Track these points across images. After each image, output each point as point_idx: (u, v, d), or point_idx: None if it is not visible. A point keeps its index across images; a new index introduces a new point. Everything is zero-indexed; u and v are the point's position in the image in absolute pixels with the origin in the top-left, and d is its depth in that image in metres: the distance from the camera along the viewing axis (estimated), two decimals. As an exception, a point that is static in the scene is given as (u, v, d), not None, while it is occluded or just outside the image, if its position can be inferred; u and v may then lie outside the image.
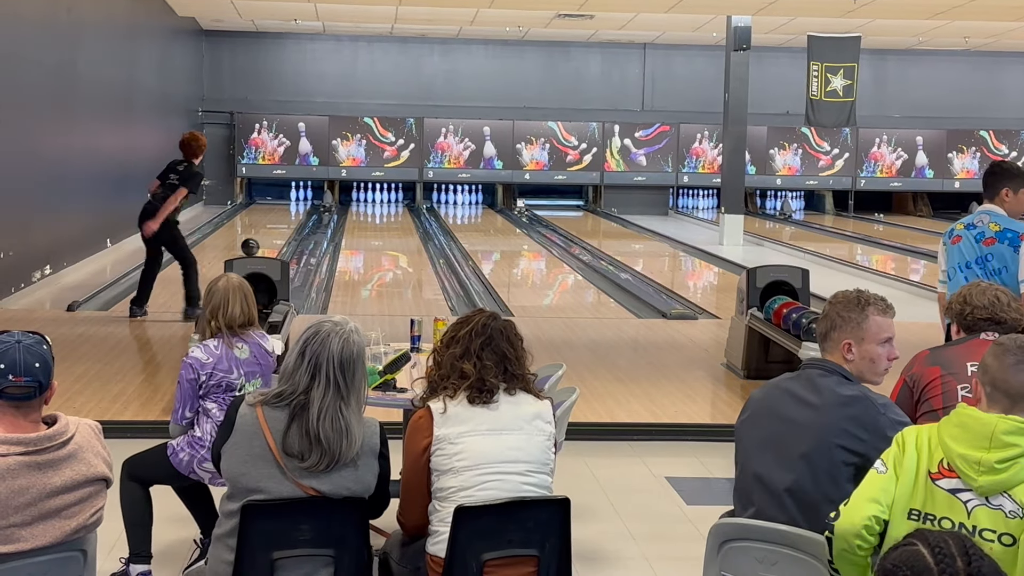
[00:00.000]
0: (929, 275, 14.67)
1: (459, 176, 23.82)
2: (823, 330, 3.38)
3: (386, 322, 9.30)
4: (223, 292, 4.30)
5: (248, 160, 23.21)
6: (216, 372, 4.24)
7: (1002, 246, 5.30)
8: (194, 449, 4.28)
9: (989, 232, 5.34)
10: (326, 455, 3.15)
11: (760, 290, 8.00)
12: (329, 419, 3.15)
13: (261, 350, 4.38)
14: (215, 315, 4.28)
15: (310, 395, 3.17)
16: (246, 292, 4.37)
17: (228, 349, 4.27)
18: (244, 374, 4.29)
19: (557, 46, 23.70)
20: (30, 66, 11.24)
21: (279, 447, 3.16)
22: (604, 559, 4.79)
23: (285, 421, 3.18)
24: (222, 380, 4.24)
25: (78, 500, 2.92)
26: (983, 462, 2.63)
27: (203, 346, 4.28)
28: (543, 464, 3.40)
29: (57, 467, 2.88)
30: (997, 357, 2.78)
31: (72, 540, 2.92)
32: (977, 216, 5.41)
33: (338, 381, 3.18)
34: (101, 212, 13.96)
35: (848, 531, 2.74)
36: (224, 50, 23.32)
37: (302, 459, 3.15)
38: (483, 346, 3.43)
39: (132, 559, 4.28)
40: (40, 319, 9.63)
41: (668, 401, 7.25)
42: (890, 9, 16.75)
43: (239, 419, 3.21)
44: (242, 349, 4.30)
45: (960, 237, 5.40)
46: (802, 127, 23.46)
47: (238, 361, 4.29)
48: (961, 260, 5.37)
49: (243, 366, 4.30)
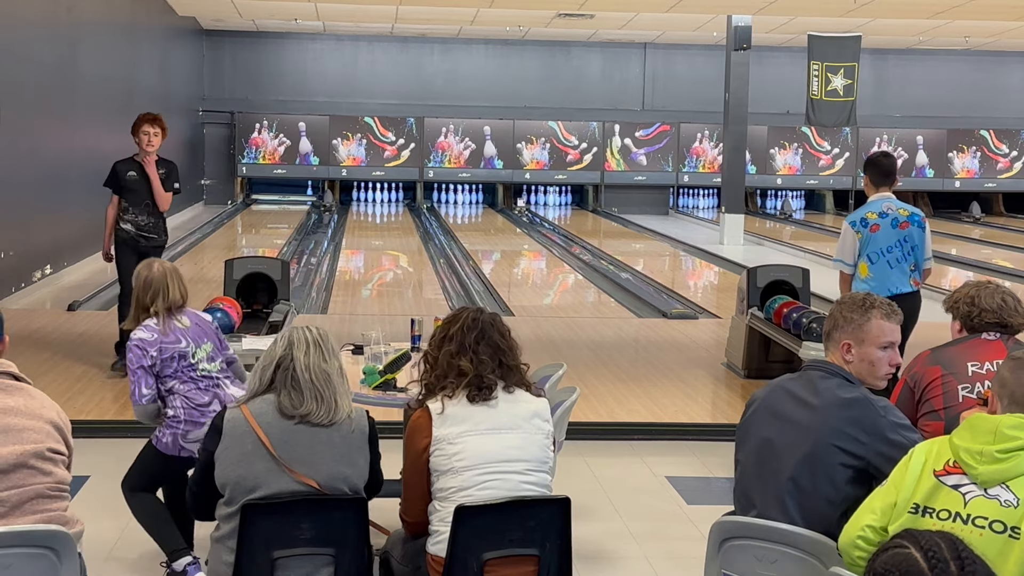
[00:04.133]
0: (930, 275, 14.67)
1: (459, 176, 23.83)
2: (826, 329, 3.38)
3: (386, 322, 9.31)
4: (161, 279, 4.43)
5: (248, 160, 23.21)
6: (164, 347, 4.35)
7: (913, 228, 6.21)
8: (173, 428, 4.35)
9: (901, 217, 6.21)
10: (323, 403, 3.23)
11: (760, 290, 8.00)
12: (316, 369, 3.26)
13: (197, 317, 4.55)
14: (154, 301, 4.40)
15: (292, 354, 3.27)
16: (179, 275, 4.54)
17: (169, 320, 4.41)
18: (191, 340, 4.42)
19: (557, 46, 23.71)
20: (30, 66, 11.25)
21: (271, 433, 3.19)
22: (604, 558, 4.79)
23: (273, 402, 3.25)
24: (173, 352, 4.35)
25: (31, 429, 3.04)
26: (985, 452, 2.65)
27: (144, 327, 4.38)
28: (542, 463, 3.40)
29: (8, 391, 3.08)
30: (1013, 371, 2.81)
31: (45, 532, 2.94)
32: (883, 204, 6.22)
33: (317, 341, 3.31)
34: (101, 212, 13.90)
35: (846, 545, 2.79)
36: (224, 50, 23.33)
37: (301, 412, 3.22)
38: (477, 340, 3.44)
39: (171, 557, 4.31)
40: (40, 319, 9.63)
41: (668, 401, 7.25)
42: (890, 8, 16.76)
43: (227, 424, 3.24)
44: (181, 320, 4.45)
45: (878, 226, 6.18)
46: (802, 126, 23.47)
47: (182, 331, 4.42)
48: (883, 245, 6.15)
49: (188, 334, 4.43)
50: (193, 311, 4.59)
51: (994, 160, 24.75)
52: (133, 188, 7.54)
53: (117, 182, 7.59)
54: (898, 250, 6.17)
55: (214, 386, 4.43)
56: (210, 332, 4.55)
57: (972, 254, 16.75)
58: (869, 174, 6.38)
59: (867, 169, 6.41)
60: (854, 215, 6.35)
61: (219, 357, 4.50)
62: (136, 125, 7.56)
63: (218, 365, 4.48)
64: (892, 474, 2.80)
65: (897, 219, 6.20)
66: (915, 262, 6.24)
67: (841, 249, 6.36)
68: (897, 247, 6.17)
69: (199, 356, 4.42)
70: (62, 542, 2.98)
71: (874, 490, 2.85)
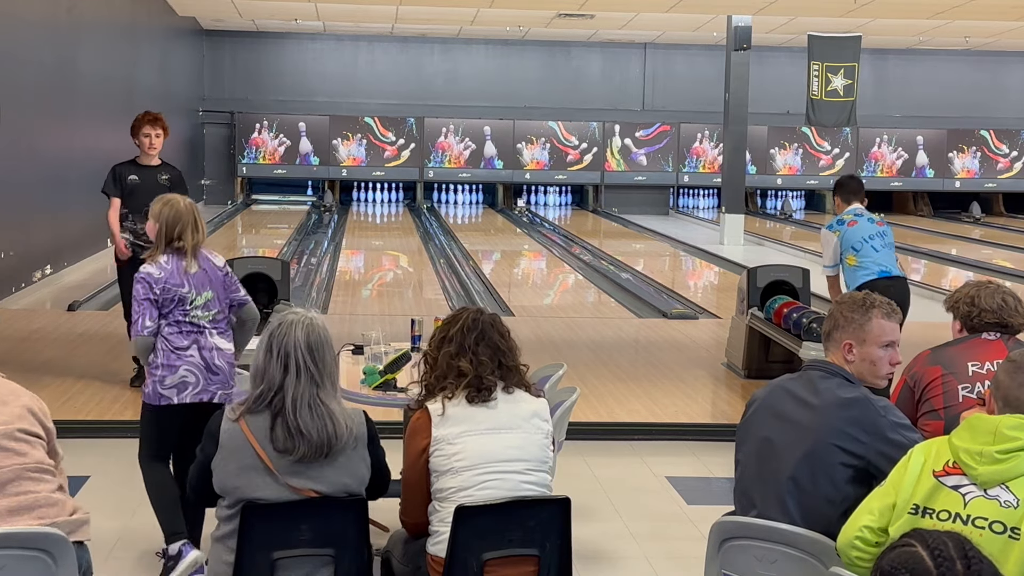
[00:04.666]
0: (931, 275, 14.68)
1: (459, 176, 23.83)
2: (826, 329, 3.38)
3: (386, 322, 9.31)
4: (188, 213, 4.51)
5: (249, 160, 23.21)
6: (168, 286, 4.43)
7: (887, 227, 6.70)
8: (153, 375, 4.43)
9: (876, 218, 6.71)
10: (313, 445, 3.15)
11: (761, 290, 8.00)
12: (306, 407, 3.16)
13: (209, 263, 4.58)
14: (181, 236, 4.48)
15: (284, 386, 3.18)
16: (198, 215, 4.61)
17: (179, 263, 4.48)
18: (194, 287, 4.48)
19: (557, 46, 23.71)
20: (30, 66, 11.25)
21: (269, 451, 3.16)
22: (605, 559, 4.79)
23: (269, 421, 3.19)
24: (174, 294, 4.43)
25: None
26: (985, 453, 2.65)
27: (155, 263, 4.46)
28: (542, 462, 3.40)
29: None
30: (1009, 374, 2.81)
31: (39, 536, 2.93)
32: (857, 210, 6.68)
33: (308, 367, 3.19)
34: (101, 212, 13.89)
35: (844, 545, 2.79)
36: (225, 50, 23.33)
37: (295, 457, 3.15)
38: (477, 341, 3.44)
39: (168, 540, 4.35)
40: (40, 319, 9.63)
41: (668, 401, 7.25)
42: (891, 9, 16.76)
43: (223, 435, 3.21)
44: (191, 263, 4.50)
45: (856, 221, 6.59)
46: (803, 127, 23.47)
47: (188, 275, 4.48)
48: (864, 235, 6.53)
49: (192, 279, 4.49)
50: (207, 254, 4.61)
51: (994, 160, 24.75)
52: (134, 193, 6.96)
53: (117, 185, 7.10)
54: (879, 239, 6.54)
55: (196, 332, 4.48)
56: (216, 280, 4.57)
57: (972, 254, 16.74)
58: (839, 195, 6.84)
59: (837, 191, 6.87)
60: (831, 221, 6.79)
61: (215, 307, 4.53)
62: (136, 126, 7.13)
63: (211, 315, 4.52)
64: (891, 475, 2.80)
65: (872, 219, 6.66)
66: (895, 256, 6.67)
67: (825, 254, 6.75)
68: (878, 237, 6.54)
69: (196, 303, 4.48)
70: (57, 544, 2.95)
71: (873, 491, 2.85)
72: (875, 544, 2.72)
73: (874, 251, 6.51)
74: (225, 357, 4.53)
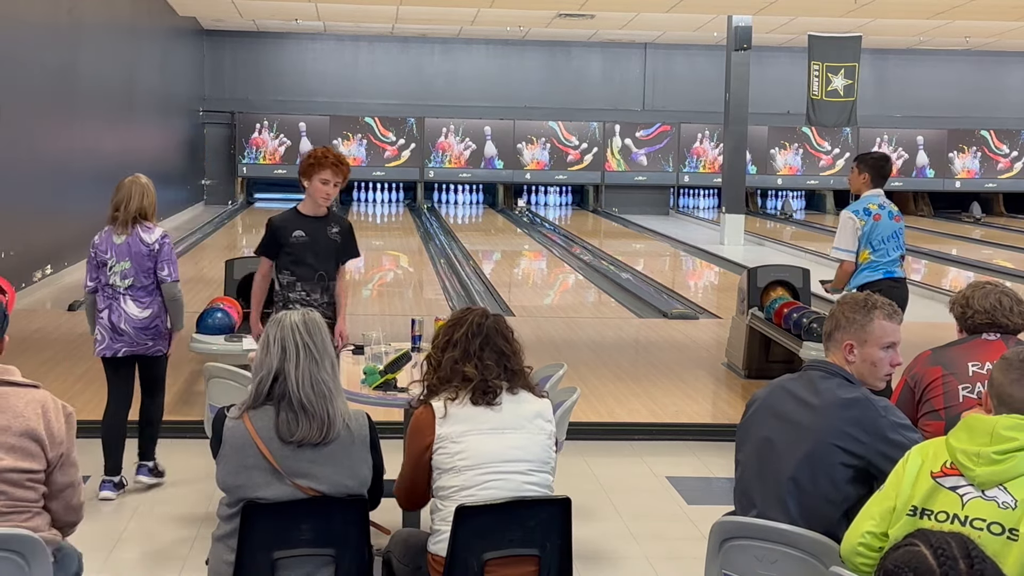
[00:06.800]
0: (931, 275, 14.67)
1: (460, 176, 23.83)
2: (827, 329, 3.38)
3: (387, 322, 9.31)
4: (127, 189, 5.31)
5: (249, 160, 23.22)
6: (97, 252, 5.31)
7: (902, 221, 6.57)
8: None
9: (894, 211, 6.53)
10: (315, 421, 3.16)
11: (761, 290, 8.00)
12: (308, 382, 3.19)
13: (136, 239, 5.28)
14: (117, 208, 5.30)
15: (285, 368, 3.20)
16: (150, 192, 5.34)
17: (111, 234, 5.30)
18: (115, 255, 5.27)
19: (558, 46, 23.71)
20: (31, 67, 11.25)
21: (273, 447, 3.16)
22: (605, 559, 4.79)
23: (272, 414, 3.19)
24: (101, 260, 5.30)
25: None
26: (982, 454, 2.65)
27: (102, 231, 5.33)
28: (544, 463, 3.40)
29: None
30: (1003, 371, 2.81)
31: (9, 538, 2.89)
32: (879, 199, 6.50)
33: (307, 344, 3.22)
34: (101, 212, 13.88)
35: (848, 552, 2.79)
36: (225, 50, 23.33)
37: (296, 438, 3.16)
38: (482, 346, 3.43)
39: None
40: (40, 319, 9.63)
41: (669, 401, 7.25)
42: (891, 9, 16.76)
43: (227, 432, 3.21)
44: (120, 236, 5.28)
45: (880, 215, 6.42)
46: (803, 127, 23.48)
47: (115, 245, 5.28)
48: (886, 233, 6.39)
49: (116, 248, 5.28)
50: (148, 228, 5.29)
51: (994, 160, 24.76)
52: (298, 254, 5.44)
53: (276, 245, 5.48)
54: (894, 240, 6.46)
55: (111, 297, 5.27)
56: (139, 253, 5.25)
57: (972, 254, 16.74)
58: (869, 173, 6.53)
59: (869, 168, 6.55)
60: (855, 205, 6.50)
61: (131, 277, 5.26)
62: (312, 166, 5.39)
63: (128, 283, 5.26)
64: (889, 478, 2.80)
65: (892, 212, 6.51)
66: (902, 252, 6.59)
67: (842, 238, 6.44)
68: (893, 238, 6.45)
69: (115, 269, 5.26)
70: (31, 547, 2.92)
71: (872, 495, 2.85)
72: (879, 549, 2.71)
73: (887, 255, 6.42)
74: (132, 323, 5.25)
